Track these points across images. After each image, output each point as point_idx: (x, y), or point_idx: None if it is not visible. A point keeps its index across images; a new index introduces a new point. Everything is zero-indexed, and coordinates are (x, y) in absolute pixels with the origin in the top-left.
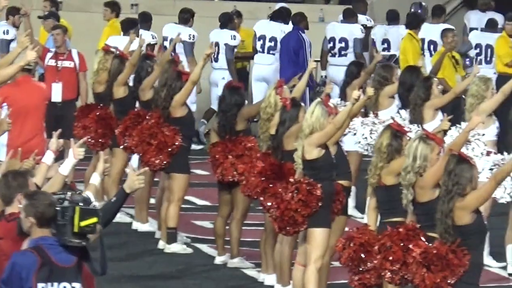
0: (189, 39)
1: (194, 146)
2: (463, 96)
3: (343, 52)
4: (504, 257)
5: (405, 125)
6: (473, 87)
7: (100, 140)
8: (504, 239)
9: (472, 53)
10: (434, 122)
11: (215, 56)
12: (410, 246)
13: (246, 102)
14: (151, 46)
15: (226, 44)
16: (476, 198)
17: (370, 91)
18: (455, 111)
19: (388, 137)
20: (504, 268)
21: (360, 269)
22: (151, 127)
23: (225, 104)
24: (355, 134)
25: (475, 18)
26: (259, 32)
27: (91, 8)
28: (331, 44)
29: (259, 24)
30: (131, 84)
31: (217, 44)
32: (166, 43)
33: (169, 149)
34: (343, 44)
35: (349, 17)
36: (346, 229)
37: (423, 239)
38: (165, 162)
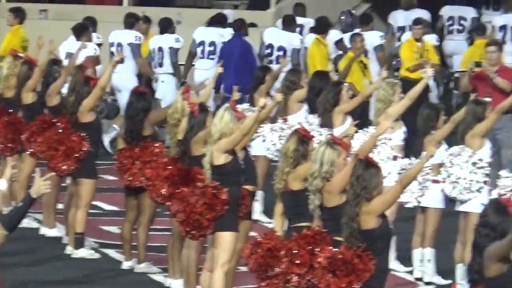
0: (136, 40)
1: None
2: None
3: (280, 60)
4: (411, 261)
5: (314, 129)
6: (380, 92)
7: (9, 145)
8: (411, 243)
9: None
10: (344, 126)
11: (159, 61)
12: (317, 250)
13: None
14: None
15: (171, 48)
16: (382, 202)
17: (278, 96)
18: (363, 115)
19: (295, 142)
20: (411, 272)
21: (268, 274)
22: (58, 132)
23: (132, 109)
24: (264, 140)
25: (401, 17)
26: (198, 38)
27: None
28: (269, 51)
29: (197, 31)
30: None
31: (160, 49)
32: (113, 49)
33: (77, 155)
34: (281, 53)
35: (289, 25)
36: (254, 234)
37: (329, 243)
38: (72, 167)
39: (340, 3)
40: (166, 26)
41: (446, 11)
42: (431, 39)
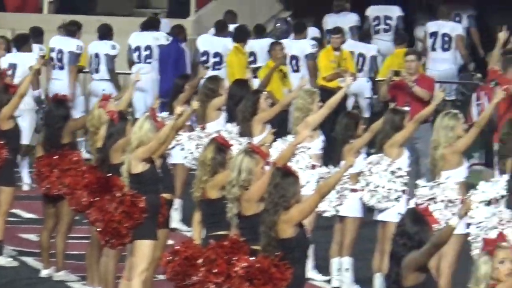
0: (77, 50)
1: None
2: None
3: (217, 67)
4: (329, 270)
5: (233, 138)
6: (298, 101)
7: None
8: (329, 252)
9: None
10: (263, 135)
11: (96, 67)
12: (234, 259)
13: None
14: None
15: (106, 54)
16: (300, 211)
17: (194, 104)
18: (282, 124)
19: (212, 150)
20: (329, 281)
21: (185, 283)
22: None
23: (51, 117)
24: (183, 148)
25: (331, 21)
26: (134, 44)
27: None
28: (205, 58)
29: (132, 37)
30: None
31: (97, 55)
32: (53, 54)
33: None
34: (217, 59)
35: (222, 30)
36: (173, 242)
37: (247, 252)
38: None
39: (260, 11)
40: (105, 33)
41: (372, 11)
42: (372, 49)
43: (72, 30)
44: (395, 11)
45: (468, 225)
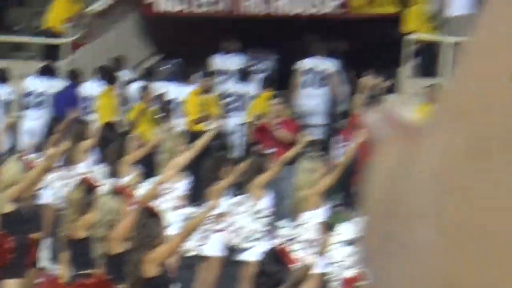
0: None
1: None
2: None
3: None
4: None
5: (101, 179)
6: (166, 143)
7: None
8: None
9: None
10: (131, 176)
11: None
12: None
13: None
14: None
15: (3, 100)
16: (165, 250)
17: (63, 145)
18: (150, 165)
19: (81, 191)
20: None
21: None
22: None
23: None
24: (51, 189)
25: (218, 62)
26: (27, 89)
27: None
28: (87, 103)
29: (27, 81)
30: None
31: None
32: None
33: None
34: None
35: (105, 76)
36: (40, 281)
37: None
38: None
39: (131, 55)
40: (3, 77)
41: (249, 53)
42: (252, 88)
43: None
44: (270, 55)
45: (328, 264)
